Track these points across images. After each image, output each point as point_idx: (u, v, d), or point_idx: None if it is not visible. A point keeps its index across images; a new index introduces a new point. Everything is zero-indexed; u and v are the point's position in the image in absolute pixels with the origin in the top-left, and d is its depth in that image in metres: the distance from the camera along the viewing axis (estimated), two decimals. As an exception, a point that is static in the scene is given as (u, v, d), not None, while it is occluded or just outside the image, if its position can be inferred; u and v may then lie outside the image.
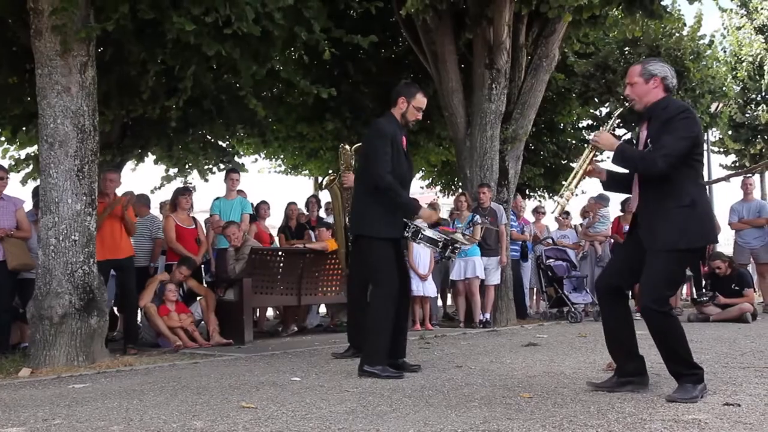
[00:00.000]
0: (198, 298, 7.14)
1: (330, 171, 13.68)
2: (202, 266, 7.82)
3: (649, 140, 3.48)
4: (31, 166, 9.56)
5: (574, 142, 13.18)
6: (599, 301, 3.86)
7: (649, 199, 3.48)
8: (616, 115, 3.83)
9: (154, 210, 8.85)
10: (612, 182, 3.82)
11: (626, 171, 3.68)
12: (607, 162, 4.19)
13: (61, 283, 5.22)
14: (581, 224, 10.38)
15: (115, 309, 7.47)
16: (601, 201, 9.58)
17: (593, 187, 19.35)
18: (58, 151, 5.26)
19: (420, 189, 15.65)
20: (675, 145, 3.35)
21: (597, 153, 3.73)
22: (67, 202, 5.26)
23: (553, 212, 4.18)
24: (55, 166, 5.26)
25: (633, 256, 3.55)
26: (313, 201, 9.80)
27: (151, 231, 7.83)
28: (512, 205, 9.99)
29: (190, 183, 10.83)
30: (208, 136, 10.01)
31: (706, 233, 3.46)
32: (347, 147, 5.29)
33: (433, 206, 8.99)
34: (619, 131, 12.74)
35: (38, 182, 5.76)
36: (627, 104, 3.70)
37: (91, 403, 3.69)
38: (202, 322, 7.12)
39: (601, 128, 3.78)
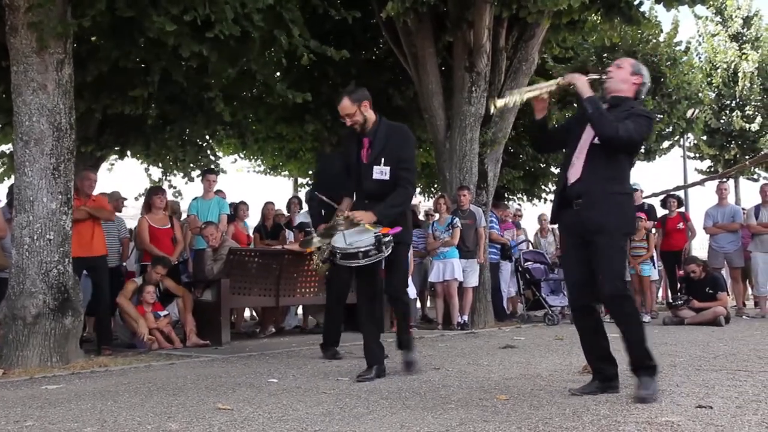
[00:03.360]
0: (175, 298, 7.07)
1: (310, 182, 13.64)
2: (179, 266, 7.75)
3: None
4: (5, 164, 9.41)
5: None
6: (574, 321, 3.92)
7: (595, 174, 3.51)
8: (589, 77, 3.78)
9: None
10: (545, 132, 3.78)
11: (564, 133, 3.71)
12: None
13: (35, 283, 5.14)
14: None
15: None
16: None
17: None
18: (34, 149, 5.19)
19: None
20: (635, 130, 3.47)
21: (558, 89, 3.67)
22: (42, 201, 5.19)
23: (495, 105, 3.96)
24: (30, 165, 5.19)
25: (586, 265, 3.55)
26: (294, 202, 9.79)
27: (119, 231, 7.79)
28: (503, 214, 10.09)
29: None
30: (185, 136, 9.91)
31: (636, 222, 3.69)
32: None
33: (413, 211, 9.04)
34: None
35: (13, 180, 5.68)
36: (603, 76, 3.72)
37: (64, 404, 3.64)
38: (179, 323, 7.06)
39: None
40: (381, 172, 4.28)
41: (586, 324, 3.71)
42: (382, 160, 4.29)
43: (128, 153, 10.30)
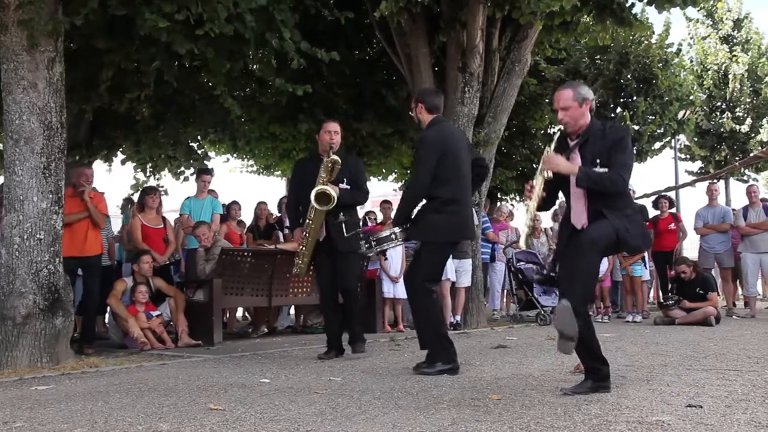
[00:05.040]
0: (167, 298, 7.05)
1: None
2: (171, 266, 7.73)
3: (597, 161, 3.62)
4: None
5: (545, 146, 13.31)
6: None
7: (607, 209, 3.60)
8: (556, 138, 3.83)
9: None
10: (544, 203, 3.95)
11: (551, 185, 3.79)
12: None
13: (25, 283, 5.11)
14: (552, 228, 10.51)
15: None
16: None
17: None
18: (24, 148, 5.15)
19: (393, 191, 15.67)
20: (629, 162, 3.63)
21: (546, 179, 3.75)
22: (33, 200, 5.16)
23: (518, 242, 4.43)
24: (20, 164, 5.15)
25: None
26: (286, 202, 9.75)
27: (107, 230, 7.77)
28: (497, 214, 10.13)
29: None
30: (178, 136, 9.88)
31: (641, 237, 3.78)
32: (337, 158, 5.26)
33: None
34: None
35: (2, 179, 5.64)
36: (560, 128, 3.78)
37: (54, 405, 3.62)
38: (171, 323, 7.04)
39: (546, 150, 3.81)
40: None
41: (582, 323, 3.69)
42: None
43: (115, 156, 10.26)
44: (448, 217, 4.56)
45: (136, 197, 9.02)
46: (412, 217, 4.71)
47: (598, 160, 3.61)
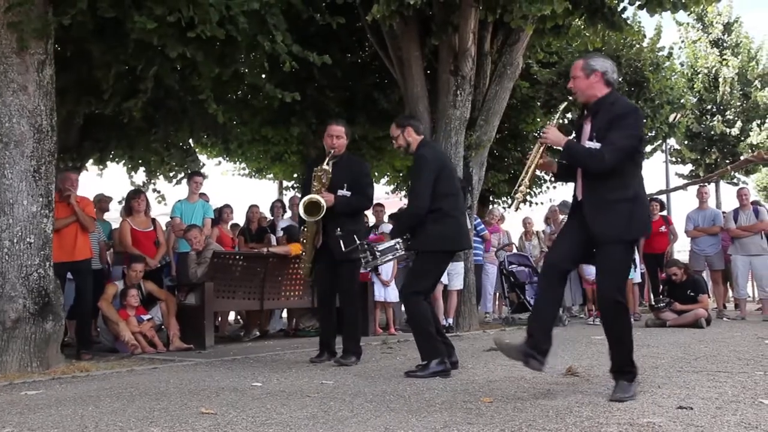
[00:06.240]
0: (158, 302, 7.02)
1: (295, 185, 13.58)
2: (162, 269, 7.70)
3: (594, 134, 3.60)
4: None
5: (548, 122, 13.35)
6: (543, 280, 3.93)
7: (594, 190, 3.61)
8: (561, 108, 3.95)
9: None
10: (563, 173, 3.90)
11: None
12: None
13: (14, 287, 5.07)
14: (544, 231, 10.54)
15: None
16: (564, 208, 9.74)
17: (556, 194, 19.65)
18: (14, 151, 5.13)
19: (385, 194, 15.68)
20: (623, 142, 3.50)
21: (545, 147, 3.79)
22: (23, 204, 5.13)
23: (510, 207, 4.55)
24: (10, 167, 5.12)
25: (578, 240, 3.69)
26: (278, 205, 9.74)
27: (99, 234, 7.74)
28: (489, 217, 10.14)
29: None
30: (170, 139, 9.85)
31: (647, 223, 3.72)
32: (327, 168, 5.25)
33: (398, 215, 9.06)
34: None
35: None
36: (570, 97, 3.85)
37: (44, 410, 3.60)
38: (163, 327, 7.01)
39: (548, 123, 3.89)
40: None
41: (551, 293, 3.76)
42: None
43: (108, 159, 10.21)
44: (447, 227, 4.68)
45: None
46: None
47: (595, 134, 3.59)
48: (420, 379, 4.36)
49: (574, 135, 3.85)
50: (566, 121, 11.78)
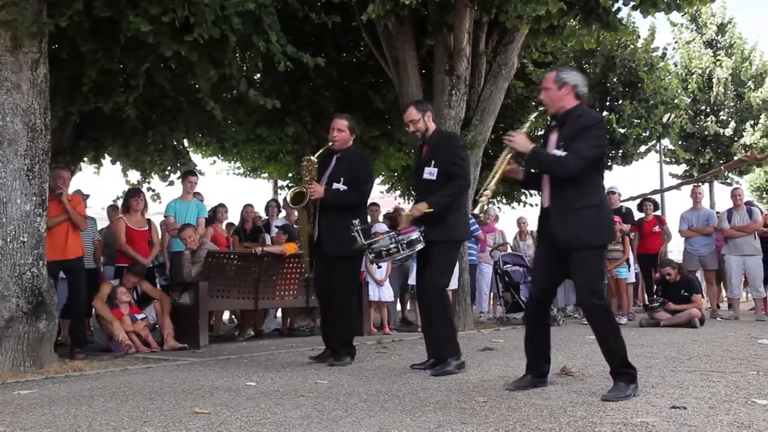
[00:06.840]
0: (152, 301, 7.00)
1: (290, 184, 13.57)
2: (157, 269, 7.68)
3: (561, 143, 3.69)
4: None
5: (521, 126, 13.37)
6: (528, 319, 4.12)
7: (560, 198, 3.70)
8: (532, 117, 4.08)
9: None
10: (529, 181, 4.04)
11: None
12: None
13: (7, 286, 5.05)
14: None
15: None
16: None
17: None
18: (7, 149, 5.10)
19: (380, 194, 15.69)
20: (587, 152, 3.62)
21: (513, 153, 3.87)
22: (16, 203, 5.11)
23: (473, 211, 4.71)
24: (3, 166, 5.10)
25: (554, 266, 3.80)
26: (273, 205, 9.74)
27: (93, 233, 7.71)
28: (484, 217, 10.16)
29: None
30: (166, 139, 9.81)
31: (612, 229, 3.87)
32: (313, 158, 5.25)
33: (397, 212, 9.07)
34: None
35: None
36: (540, 108, 3.99)
37: (37, 409, 3.59)
38: (157, 326, 6.99)
39: (517, 130, 3.98)
40: (430, 173, 4.79)
41: (539, 327, 3.93)
42: (432, 162, 4.79)
43: (103, 159, 10.18)
44: (462, 218, 4.78)
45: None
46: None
47: (562, 143, 3.69)
48: (417, 379, 4.36)
49: (541, 143, 3.91)
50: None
